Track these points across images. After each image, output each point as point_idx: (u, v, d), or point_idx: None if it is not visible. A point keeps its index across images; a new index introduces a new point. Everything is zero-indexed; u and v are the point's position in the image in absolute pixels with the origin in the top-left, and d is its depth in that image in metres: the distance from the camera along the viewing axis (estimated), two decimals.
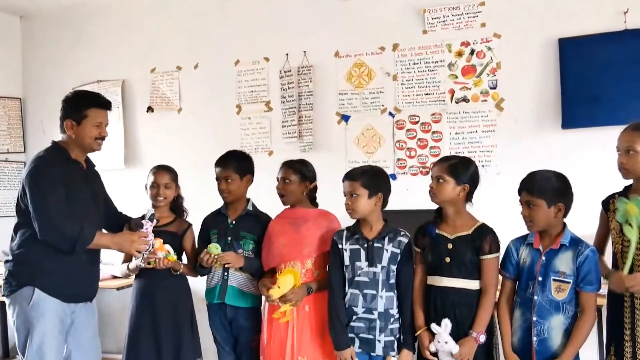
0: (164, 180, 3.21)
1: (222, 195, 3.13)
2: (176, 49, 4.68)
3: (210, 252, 2.94)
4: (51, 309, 2.81)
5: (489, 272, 2.56)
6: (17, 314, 2.84)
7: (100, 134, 2.92)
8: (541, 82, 3.66)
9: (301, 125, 4.24)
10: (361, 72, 4.13)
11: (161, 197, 3.19)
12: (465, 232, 2.59)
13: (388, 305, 2.65)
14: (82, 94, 3.04)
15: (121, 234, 2.94)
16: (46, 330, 2.81)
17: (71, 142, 2.91)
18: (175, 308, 3.17)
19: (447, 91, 3.90)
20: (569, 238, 2.47)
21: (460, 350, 2.49)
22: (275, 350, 2.86)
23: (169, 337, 3.13)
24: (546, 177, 2.49)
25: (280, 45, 4.32)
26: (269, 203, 3.15)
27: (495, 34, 3.77)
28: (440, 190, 2.60)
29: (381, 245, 2.67)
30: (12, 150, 5.17)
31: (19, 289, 2.81)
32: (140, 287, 3.21)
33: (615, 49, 3.44)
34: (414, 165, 3.99)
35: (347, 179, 2.70)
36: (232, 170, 3.09)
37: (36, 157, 2.87)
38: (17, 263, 2.86)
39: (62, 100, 2.97)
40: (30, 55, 5.28)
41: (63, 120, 2.90)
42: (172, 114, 4.70)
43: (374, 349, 2.66)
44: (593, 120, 3.48)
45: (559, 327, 2.45)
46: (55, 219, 2.73)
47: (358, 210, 2.66)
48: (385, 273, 2.65)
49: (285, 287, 2.78)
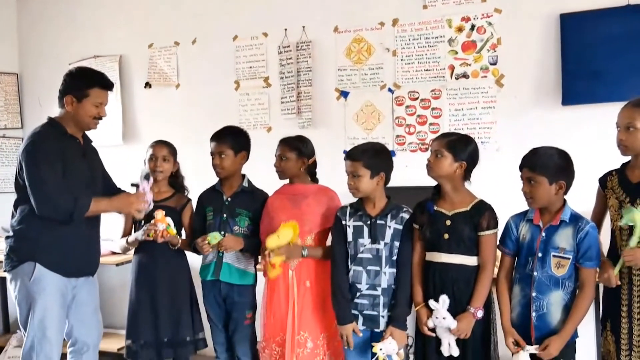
0: (162, 153, 3.21)
1: (215, 170, 3.12)
2: (174, 24, 4.63)
3: (210, 242, 2.94)
4: (52, 284, 2.84)
5: (487, 248, 2.57)
6: (18, 289, 2.87)
7: (99, 113, 2.92)
8: (542, 58, 3.64)
9: (300, 102, 4.22)
10: (360, 48, 4.10)
11: (159, 169, 3.20)
12: (463, 209, 2.60)
13: (391, 282, 2.67)
14: (86, 72, 3.02)
15: (119, 196, 2.98)
16: (47, 304, 2.83)
17: (68, 118, 2.91)
18: (174, 283, 3.19)
19: (447, 67, 3.87)
20: (569, 214, 2.48)
21: (458, 325, 2.51)
22: (275, 326, 2.88)
23: (167, 312, 3.15)
24: (548, 154, 2.48)
25: (279, 20, 4.28)
26: (267, 179, 3.14)
27: (496, 9, 3.73)
28: (437, 164, 2.60)
29: (384, 222, 2.67)
30: (10, 126, 5.14)
31: (20, 265, 2.84)
32: (138, 262, 3.23)
33: (616, 25, 3.41)
34: (413, 141, 3.98)
35: (349, 159, 2.69)
36: (227, 145, 3.07)
37: (32, 133, 2.88)
38: (17, 239, 2.88)
39: (65, 75, 2.95)
40: (27, 31, 5.22)
41: (63, 94, 2.89)
42: (170, 90, 4.67)
43: (378, 324, 2.68)
44: (593, 97, 3.46)
45: (558, 302, 2.46)
46: (50, 193, 2.75)
47: (361, 189, 2.66)
48: (389, 249, 2.66)
49: (284, 239, 2.77)
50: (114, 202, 2.93)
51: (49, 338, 2.85)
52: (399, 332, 2.61)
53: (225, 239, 2.97)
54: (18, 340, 4.44)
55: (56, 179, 2.77)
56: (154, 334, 3.14)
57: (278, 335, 2.88)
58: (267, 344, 2.92)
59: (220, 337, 3.17)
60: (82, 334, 3.05)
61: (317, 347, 2.84)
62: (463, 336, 2.53)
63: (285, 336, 2.84)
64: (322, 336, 2.86)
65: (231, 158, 3.08)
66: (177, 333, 3.16)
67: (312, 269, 2.88)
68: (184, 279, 3.24)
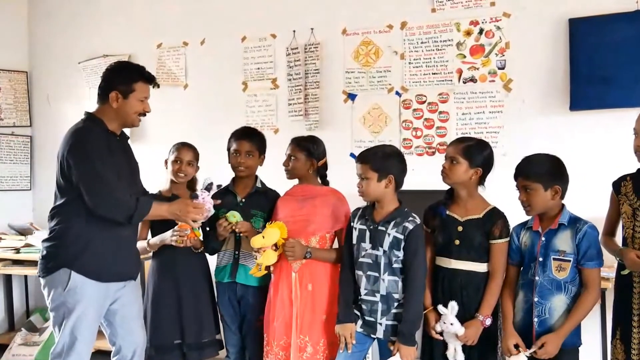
0: (187, 157, 3.16)
1: (237, 168, 3.08)
2: (182, 24, 4.65)
3: (228, 220, 2.91)
4: (88, 294, 2.69)
5: (497, 256, 2.56)
6: (52, 298, 2.71)
7: (144, 109, 2.81)
8: (550, 63, 3.62)
9: (307, 104, 4.22)
10: (368, 51, 4.09)
11: (182, 174, 3.15)
12: (476, 216, 2.59)
13: (391, 289, 2.61)
14: (129, 66, 2.89)
15: (177, 202, 2.81)
16: (81, 315, 2.69)
17: (110, 114, 2.76)
18: (196, 285, 3.13)
19: (454, 71, 3.86)
20: (568, 217, 2.48)
21: (466, 332, 2.50)
22: (280, 330, 2.86)
23: (192, 315, 3.09)
24: (541, 160, 2.50)
25: (288, 22, 4.28)
26: (274, 181, 3.15)
27: (505, 13, 3.72)
28: (452, 171, 2.59)
29: (384, 229, 2.61)
30: (19, 124, 5.15)
31: (56, 271, 2.68)
32: (159, 265, 3.16)
33: (626, 30, 3.39)
34: (420, 145, 3.97)
35: (358, 161, 2.66)
36: (255, 146, 3.07)
37: (76, 129, 2.71)
38: (54, 243, 2.72)
39: (106, 70, 2.83)
40: (37, 29, 5.25)
41: (108, 91, 2.74)
42: (178, 90, 4.68)
43: (375, 331, 2.65)
44: (602, 102, 3.44)
45: (561, 307, 2.45)
46: (111, 191, 2.62)
47: (368, 193, 2.62)
48: (387, 257, 2.60)
49: (270, 239, 2.76)
50: (172, 207, 2.76)
51: (78, 350, 2.71)
52: (406, 349, 2.53)
53: (241, 222, 2.93)
54: (22, 338, 4.45)
55: (113, 176, 2.63)
56: (177, 336, 3.08)
57: (282, 339, 2.85)
58: (271, 348, 2.89)
59: (234, 338, 3.14)
60: (125, 341, 2.90)
61: (317, 353, 2.81)
62: (470, 343, 2.52)
63: (289, 340, 2.82)
64: (323, 341, 2.82)
65: (256, 158, 3.09)
66: (200, 334, 3.11)
67: (315, 273, 2.85)
68: (205, 279, 3.20)
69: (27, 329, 4.52)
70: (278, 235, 2.78)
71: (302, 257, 2.81)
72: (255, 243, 2.77)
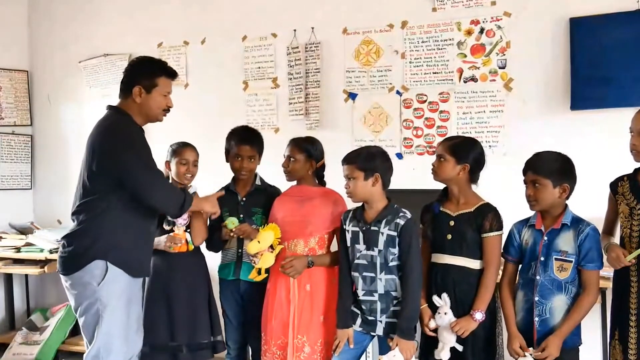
0: (192, 158, 3.16)
1: (239, 172, 3.10)
2: (183, 23, 4.64)
3: (227, 227, 2.96)
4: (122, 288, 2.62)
5: (490, 250, 2.56)
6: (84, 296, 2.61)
7: (167, 104, 2.79)
8: (551, 63, 3.62)
9: (308, 103, 4.22)
10: (369, 50, 4.09)
11: (189, 175, 3.14)
12: (467, 210, 2.60)
13: (389, 287, 2.62)
14: (152, 60, 2.85)
15: (206, 197, 2.89)
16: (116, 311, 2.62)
17: (134, 109, 2.72)
18: (191, 287, 3.12)
19: (455, 70, 3.86)
20: (570, 217, 2.49)
21: (458, 320, 2.51)
22: (277, 329, 2.86)
23: (184, 315, 3.08)
24: (552, 157, 2.51)
25: (288, 21, 4.28)
26: (274, 180, 3.16)
27: (506, 12, 3.72)
28: (440, 168, 2.62)
29: (377, 229, 2.61)
30: (19, 123, 5.15)
31: (87, 265, 2.58)
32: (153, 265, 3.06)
33: (627, 30, 3.39)
34: (420, 144, 3.97)
35: (344, 163, 2.66)
36: (257, 149, 3.10)
37: (110, 122, 2.68)
38: (86, 236, 2.62)
39: (128, 65, 2.82)
40: (37, 28, 5.24)
41: (131, 86, 2.70)
42: (178, 89, 4.65)
43: (374, 329, 2.66)
44: (603, 102, 3.44)
45: (561, 307, 2.45)
46: (164, 180, 2.63)
47: (356, 193, 2.62)
48: (383, 257, 2.61)
49: (265, 243, 2.77)
50: (201, 201, 2.83)
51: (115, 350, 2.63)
52: (405, 343, 2.54)
53: (240, 225, 2.97)
54: (23, 337, 4.45)
55: (154, 163, 2.61)
56: (169, 337, 3.06)
57: (280, 339, 2.85)
58: (269, 347, 2.89)
59: (235, 334, 3.16)
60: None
61: (314, 353, 2.80)
62: (461, 333, 2.51)
63: (286, 339, 2.82)
64: (320, 341, 2.81)
65: (256, 162, 3.13)
66: (194, 336, 3.09)
67: (313, 273, 2.84)
68: (201, 279, 3.17)
69: (27, 328, 4.53)
70: (272, 237, 2.79)
71: (304, 269, 2.81)
72: (252, 249, 2.78)
